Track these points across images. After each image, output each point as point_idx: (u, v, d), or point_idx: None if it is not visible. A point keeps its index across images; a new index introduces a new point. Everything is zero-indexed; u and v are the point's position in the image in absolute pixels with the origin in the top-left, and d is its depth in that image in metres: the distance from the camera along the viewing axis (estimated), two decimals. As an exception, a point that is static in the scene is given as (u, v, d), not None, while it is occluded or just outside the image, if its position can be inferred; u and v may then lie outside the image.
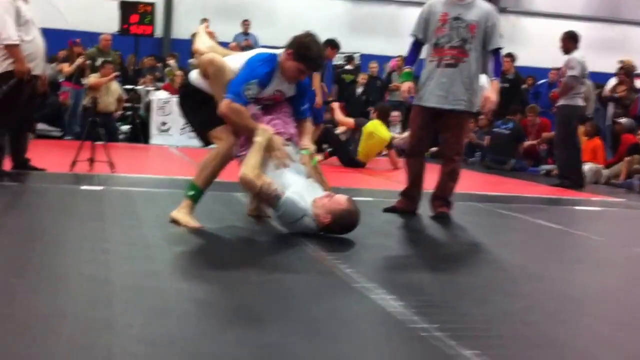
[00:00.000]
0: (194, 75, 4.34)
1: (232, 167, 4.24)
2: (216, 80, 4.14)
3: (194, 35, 5.58)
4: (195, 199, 4.20)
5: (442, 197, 5.33)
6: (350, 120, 10.16)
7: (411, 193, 5.38)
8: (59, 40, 12.35)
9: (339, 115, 10.24)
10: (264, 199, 4.05)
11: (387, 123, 10.57)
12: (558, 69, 10.73)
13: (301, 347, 2.18)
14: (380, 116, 10.13)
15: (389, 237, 4.57)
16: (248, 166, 3.95)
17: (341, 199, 4.04)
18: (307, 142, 4.33)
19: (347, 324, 2.50)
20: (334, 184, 7.16)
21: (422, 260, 4.03)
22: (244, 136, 4.15)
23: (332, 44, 8.89)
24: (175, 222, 4.15)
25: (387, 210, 5.33)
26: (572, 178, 8.85)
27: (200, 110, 4.26)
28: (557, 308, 2.98)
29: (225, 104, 4.01)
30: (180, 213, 4.18)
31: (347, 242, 4.12)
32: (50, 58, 12.16)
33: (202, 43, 4.53)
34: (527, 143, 11.55)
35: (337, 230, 4.04)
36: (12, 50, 5.77)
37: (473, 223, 5.44)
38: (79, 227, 3.92)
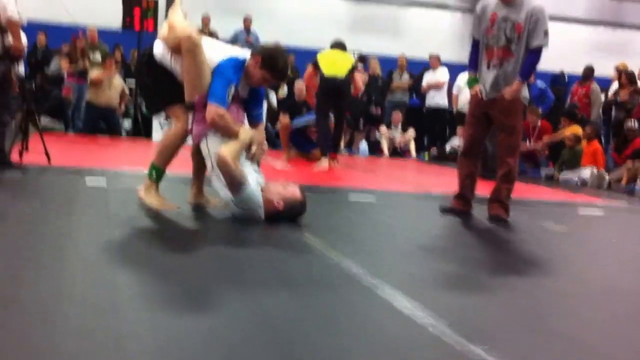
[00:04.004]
0: (159, 49, 4.31)
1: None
2: (188, 57, 4.12)
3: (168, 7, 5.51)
4: (157, 179, 4.30)
5: (498, 200, 5.32)
6: None
7: (464, 193, 5.40)
8: (62, 35, 12.36)
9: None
10: (230, 182, 4.07)
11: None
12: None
13: (309, 338, 2.17)
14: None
15: (394, 236, 4.56)
16: (229, 148, 4.04)
17: (296, 191, 4.25)
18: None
19: (354, 317, 2.49)
20: (336, 183, 7.15)
21: (424, 256, 4.01)
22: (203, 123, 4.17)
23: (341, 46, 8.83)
24: (143, 202, 4.25)
25: (444, 210, 5.32)
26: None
27: (165, 82, 4.28)
28: (568, 303, 2.97)
29: (213, 111, 4.06)
30: (149, 195, 4.27)
31: (349, 238, 4.14)
32: (54, 52, 12.18)
33: (178, 17, 4.40)
34: (527, 146, 11.46)
35: (285, 216, 4.17)
36: (13, 27, 5.77)
37: (480, 227, 5.43)
38: (77, 212, 3.91)
